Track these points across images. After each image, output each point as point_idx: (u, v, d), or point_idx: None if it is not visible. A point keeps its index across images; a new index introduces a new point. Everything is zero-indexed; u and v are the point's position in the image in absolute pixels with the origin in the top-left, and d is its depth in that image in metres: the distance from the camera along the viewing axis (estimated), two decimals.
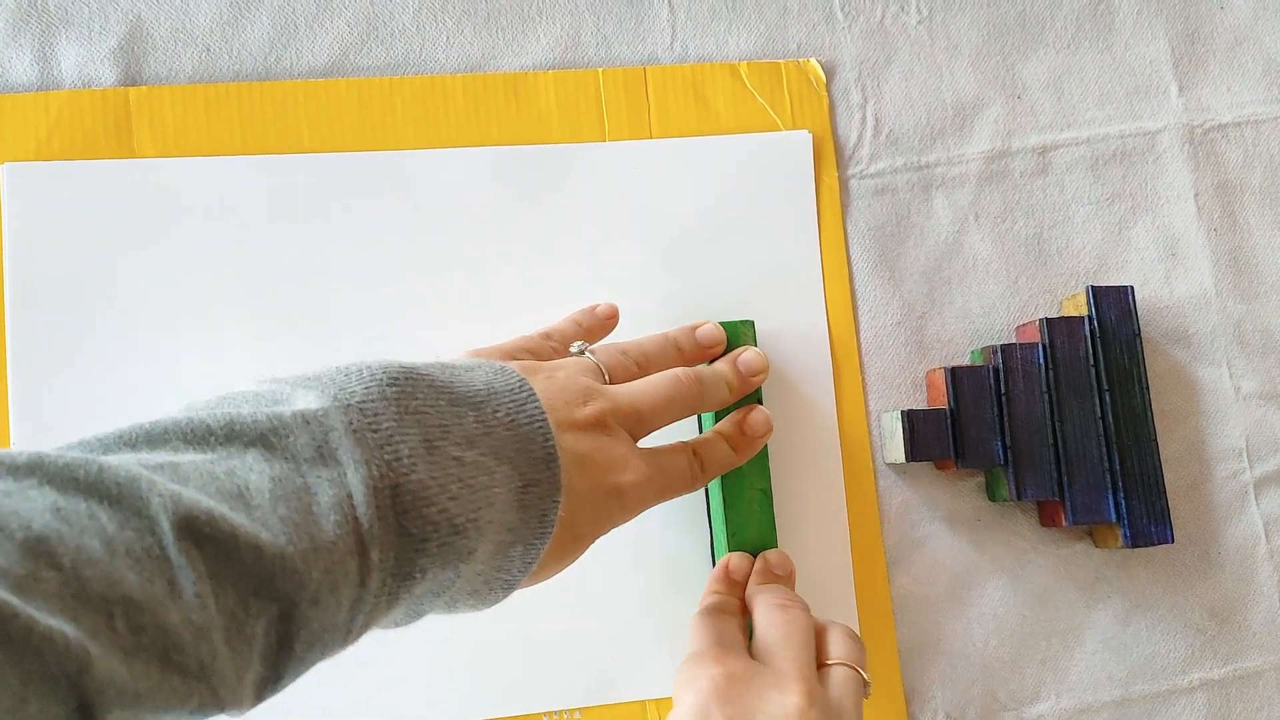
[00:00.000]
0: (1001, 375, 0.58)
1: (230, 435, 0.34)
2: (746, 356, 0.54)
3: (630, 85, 0.61)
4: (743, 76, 0.62)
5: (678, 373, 0.49)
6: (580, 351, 0.49)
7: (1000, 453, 0.57)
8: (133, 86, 0.57)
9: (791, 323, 0.59)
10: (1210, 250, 0.64)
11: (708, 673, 0.45)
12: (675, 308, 0.58)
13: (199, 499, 0.31)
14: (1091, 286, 0.59)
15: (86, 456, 0.30)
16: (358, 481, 0.34)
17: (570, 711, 0.55)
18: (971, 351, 0.61)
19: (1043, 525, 0.60)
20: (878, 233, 0.62)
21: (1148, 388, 0.59)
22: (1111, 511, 0.57)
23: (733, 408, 0.53)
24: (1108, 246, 0.64)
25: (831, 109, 0.63)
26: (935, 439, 0.57)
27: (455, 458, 0.37)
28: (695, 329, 0.54)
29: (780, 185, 0.61)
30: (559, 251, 0.59)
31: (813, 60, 0.63)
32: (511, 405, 0.40)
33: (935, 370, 0.59)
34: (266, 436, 0.34)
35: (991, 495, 0.60)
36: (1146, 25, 0.67)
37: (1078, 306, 0.60)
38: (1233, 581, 0.61)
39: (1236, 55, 0.67)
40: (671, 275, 0.59)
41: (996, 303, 0.62)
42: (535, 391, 0.41)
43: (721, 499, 0.54)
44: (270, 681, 0.33)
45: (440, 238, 0.58)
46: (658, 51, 0.62)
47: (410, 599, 0.37)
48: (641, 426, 0.46)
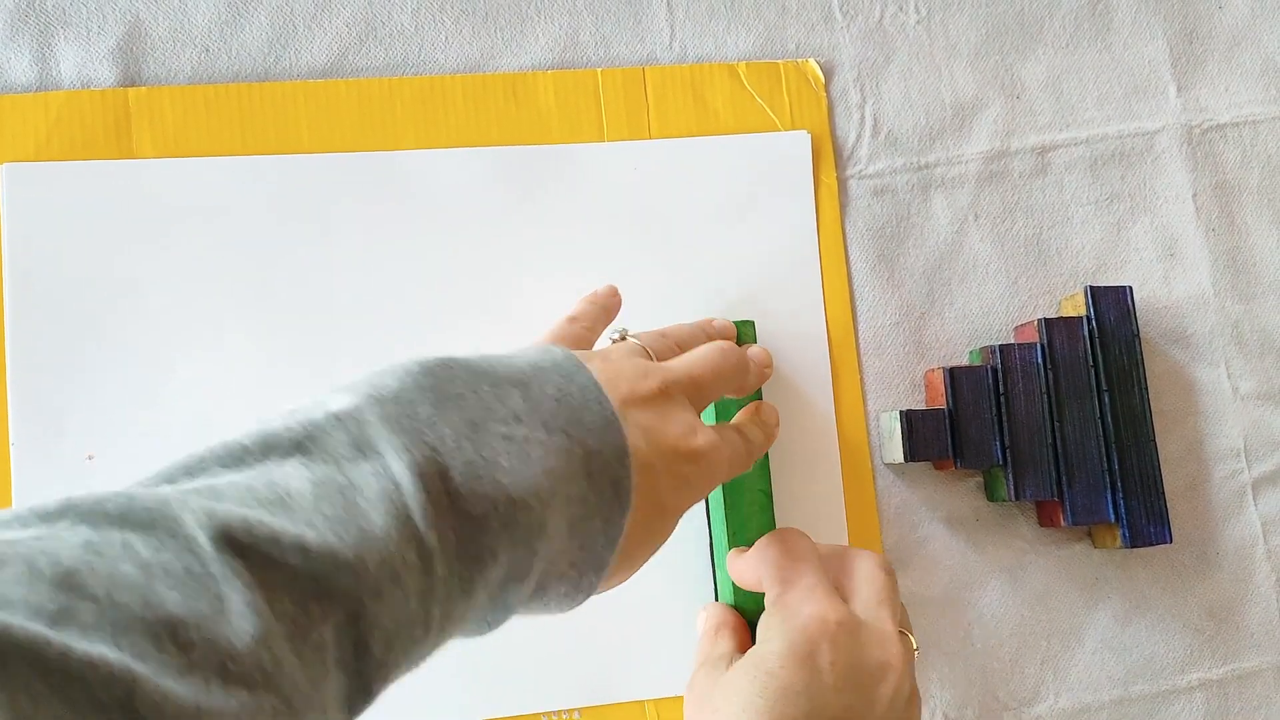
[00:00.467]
0: (1000, 375, 0.58)
1: (266, 449, 0.33)
2: (754, 350, 0.55)
3: (629, 85, 0.61)
4: (741, 77, 0.62)
5: (721, 344, 0.49)
6: (621, 337, 0.50)
7: (999, 453, 0.57)
8: (132, 87, 0.57)
9: (790, 323, 0.59)
10: (1208, 250, 0.65)
11: (816, 612, 0.46)
12: (674, 308, 0.58)
13: (235, 510, 0.30)
14: (1090, 287, 0.60)
15: (117, 490, 0.30)
16: (401, 468, 0.33)
17: (570, 711, 0.55)
18: (970, 352, 0.61)
19: (1042, 525, 0.60)
20: (876, 233, 0.62)
21: (1146, 388, 0.59)
22: (1110, 512, 0.57)
23: (735, 408, 0.53)
24: (1106, 247, 0.64)
25: (830, 109, 0.63)
26: (934, 439, 0.57)
27: (504, 435, 0.36)
28: (709, 323, 0.55)
29: (779, 185, 0.61)
30: (557, 252, 0.59)
31: (811, 60, 0.63)
32: (560, 379, 0.40)
33: (934, 370, 0.59)
34: (303, 443, 0.33)
35: (990, 495, 0.60)
36: (1145, 25, 0.67)
37: (1076, 307, 0.60)
38: (1231, 581, 0.62)
39: (1235, 55, 0.67)
40: (670, 275, 0.59)
41: (995, 303, 0.62)
42: (583, 362, 0.41)
43: (721, 499, 0.54)
44: (359, 693, 0.32)
45: (439, 238, 0.58)
46: (656, 51, 0.62)
47: (486, 585, 0.36)
48: (700, 396, 0.46)
